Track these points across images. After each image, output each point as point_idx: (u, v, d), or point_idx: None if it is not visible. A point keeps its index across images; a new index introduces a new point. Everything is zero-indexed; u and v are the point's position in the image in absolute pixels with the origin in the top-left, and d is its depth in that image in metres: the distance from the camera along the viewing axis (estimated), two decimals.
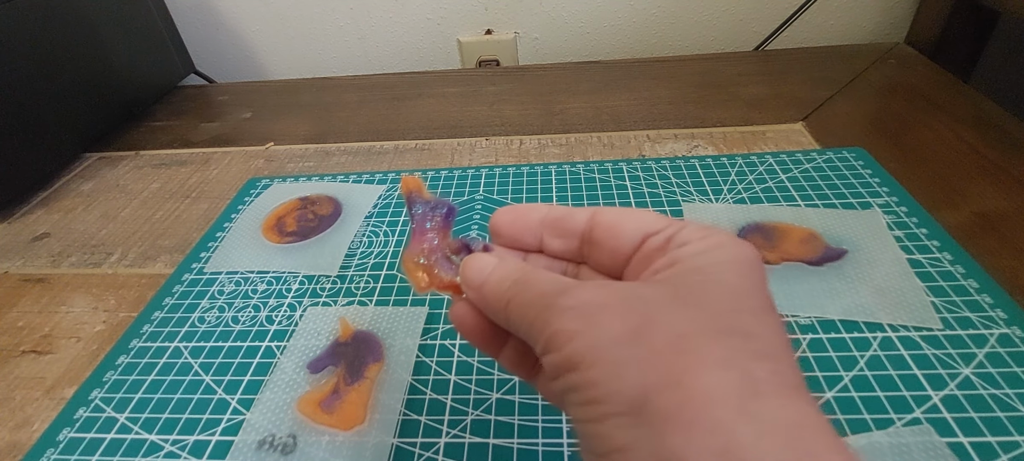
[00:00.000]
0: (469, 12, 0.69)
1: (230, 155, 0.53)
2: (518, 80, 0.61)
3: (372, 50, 0.73)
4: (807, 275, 0.33)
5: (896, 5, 0.63)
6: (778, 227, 0.36)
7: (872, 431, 0.25)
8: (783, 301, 0.31)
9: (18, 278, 0.40)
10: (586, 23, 0.68)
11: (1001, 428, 0.24)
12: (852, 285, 0.32)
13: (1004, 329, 0.28)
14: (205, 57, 0.75)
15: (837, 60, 0.58)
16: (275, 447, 0.26)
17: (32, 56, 0.49)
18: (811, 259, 0.33)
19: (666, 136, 0.48)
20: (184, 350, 0.32)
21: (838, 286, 0.32)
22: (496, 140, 0.50)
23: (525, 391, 0.28)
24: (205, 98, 0.66)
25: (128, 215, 0.46)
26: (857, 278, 0.32)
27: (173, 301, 0.36)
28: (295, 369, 0.30)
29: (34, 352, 0.34)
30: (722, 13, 0.66)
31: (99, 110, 0.57)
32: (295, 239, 0.40)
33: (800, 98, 0.52)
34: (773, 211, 0.38)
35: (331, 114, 0.59)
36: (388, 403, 0.28)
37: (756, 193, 0.40)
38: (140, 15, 0.61)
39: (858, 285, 0.32)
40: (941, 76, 0.53)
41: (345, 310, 0.33)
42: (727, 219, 0.37)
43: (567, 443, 0.26)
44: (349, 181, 0.46)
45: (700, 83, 0.56)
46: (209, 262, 0.39)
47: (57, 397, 0.31)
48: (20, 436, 0.29)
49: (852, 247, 0.34)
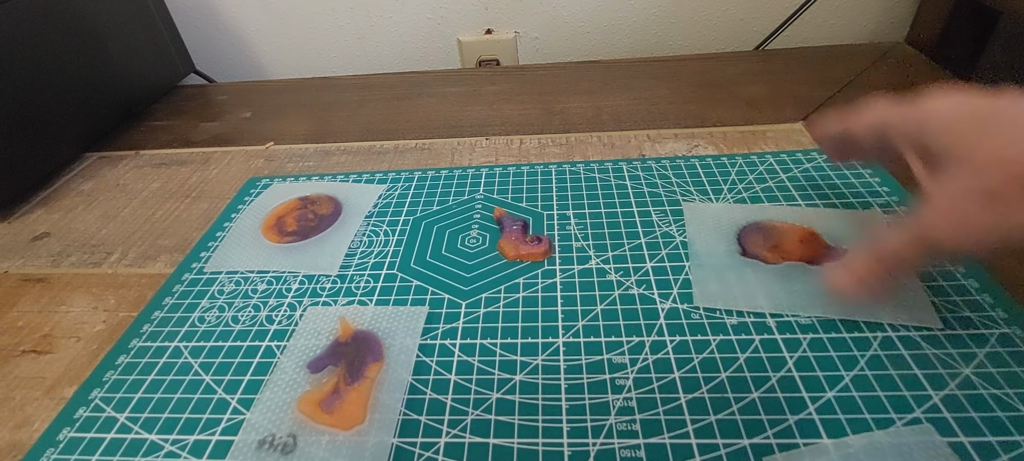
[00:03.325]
0: (469, 12, 0.69)
1: (230, 155, 0.53)
2: (518, 80, 0.61)
3: (372, 50, 0.73)
4: (807, 275, 0.32)
5: (896, 5, 0.63)
6: (777, 227, 0.36)
7: (873, 431, 0.25)
8: (783, 301, 0.31)
9: (18, 278, 0.40)
10: (586, 23, 0.68)
11: (1002, 428, 0.24)
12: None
13: (1004, 329, 0.28)
14: (205, 57, 0.75)
15: (837, 60, 0.58)
16: (275, 447, 0.26)
17: (32, 56, 0.49)
18: (811, 259, 0.33)
19: (666, 136, 0.48)
20: (184, 350, 0.32)
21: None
22: (496, 140, 0.50)
23: (525, 391, 0.28)
24: (205, 98, 0.66)
25: (128, 215, 0.46)
26: None
27: (173, 301, 0.36)
28: (295, 369, 0.30)
29: (34, 352, 0.34)
30: (722, 13, 0.66)
31: (99, 110, 0.57)
32: (295, 239, 0.40)
33: (800, 98, 0.52)
34: (773, 210, 0.38)
35: (331, 114, 0.59)
36: (388, 403, 0.28)
37: (756, 193, 0.40)
38: (140, 15, 0.61)
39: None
40: (941, 76, 0.53)
41: (345, 310, 0.33)
42: (727, 218, 0.37)
43: (567, 443, 0.26)
44: (349, 181, 0.46)
45: (700, 83, 0.56)
46: (209, 262, 0.39)
47: (57, 397, 0.31)
48: (20, 436, 0.29)
49: (852, 246, 0.34)
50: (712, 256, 0.34)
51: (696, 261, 0.34)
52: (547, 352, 0.30)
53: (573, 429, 0.26)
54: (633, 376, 0.28)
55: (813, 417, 0.26)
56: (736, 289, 0.32)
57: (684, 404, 0.27)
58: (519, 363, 0.29)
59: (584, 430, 0.26)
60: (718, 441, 0.25)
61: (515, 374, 0.29)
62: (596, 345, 0.30)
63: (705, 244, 0.35)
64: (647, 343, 0.30)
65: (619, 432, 0.26)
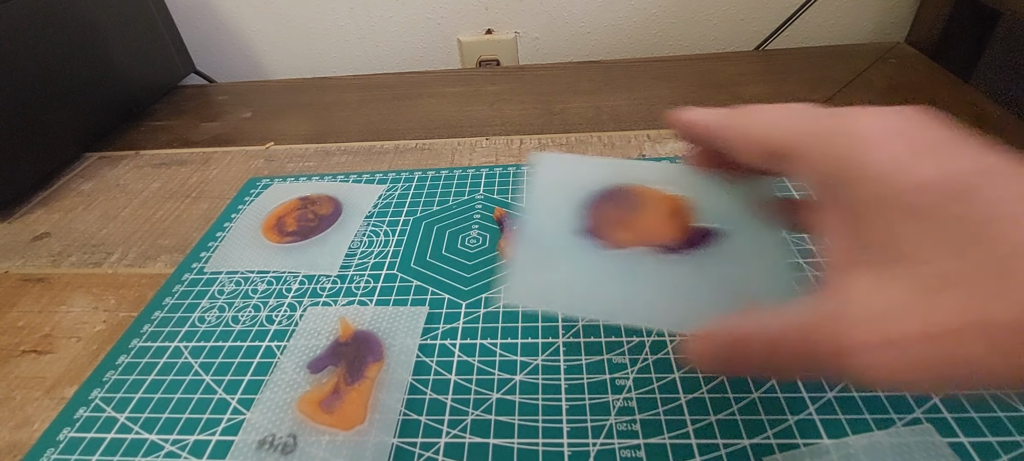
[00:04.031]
0: (469, 12, 0.69)
1: (230, 155, 0.53)
2: (518, 80, 0.61)
3: (372, 50, 0.73)
4: (660, 269, 0.23)
5: (896, 5, 0.63)
6: (642, 194, 0.26)
7: (873, 431, 0.25)
8: (618, 306, 0.22)
9: (18, 278, 0.40)
10: (586, 23, 0.68)
11: (1002, 428, 0.24)
12: (714, 283, 0.23)
13: None
14: (205, 57, 0.75)
15: (837, 60, 0.58)
16: (275, 447, 0.26)
17: (32, 56, 0.49)
18: (673, 243, 0.24)
19: (666, 136, 0.48)
20: (184, 350, 0.32)
21: (700, 283, 0.23)
22: (496, 140, 0.50)
23: (525, 391, 0.28)
24: (205, 98, 0.66)
25: (128, 215, 0.46)
26: (723, 274, 0.23)
27: (173, 301, 0.36)
28: (295, 369, 0.30)
29: (34, 352, 0.34)
30: (722, 13, 0.66)
31: (99, 110, 0.57)
32: (295, 239, 0.40)
33: (800, 98, 0.52)
34: (646, 170, 0.27)
35: (331, 114, 0.59)
36: (388, 403, 0.28)
37: None
38: (140, 15, 0.61)
39: (720, 283, 0.23)
40: (942, 76, 0.53)
41: (345, 310, 0.33)
42: (580, 178, 0.27)
43: (568, 443, 0.26)
44: (349, 181, 0.46)
45: (700, 83, 0.56)
46: (209, 262, 0.39)
47: (57, 397, 0.31)
48: (20, 436, 0.29)
49: (732, 231, 0.24)
50: (543, 235, 0.25)
51: (523, 241, 0.24)
52: (547, 352, 0.30)
53: (573, 429, 0.26)
54: (633, 376, 0.28)
55: (813, 417, 0.26)
56: (557, 286, 0.23)
57: (684, 404, 0.27)
58: (519, 363, 0.29)
59: (584, 430, 0.26)
60: (718, 441, 0.25)
61: (515, 374, 0.29)
62: (596, 345, 0.30)
63: (542, 215, 0.26)
64: (647, 343, 0.30)
65: (619, 432, 0.26)
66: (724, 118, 0.21)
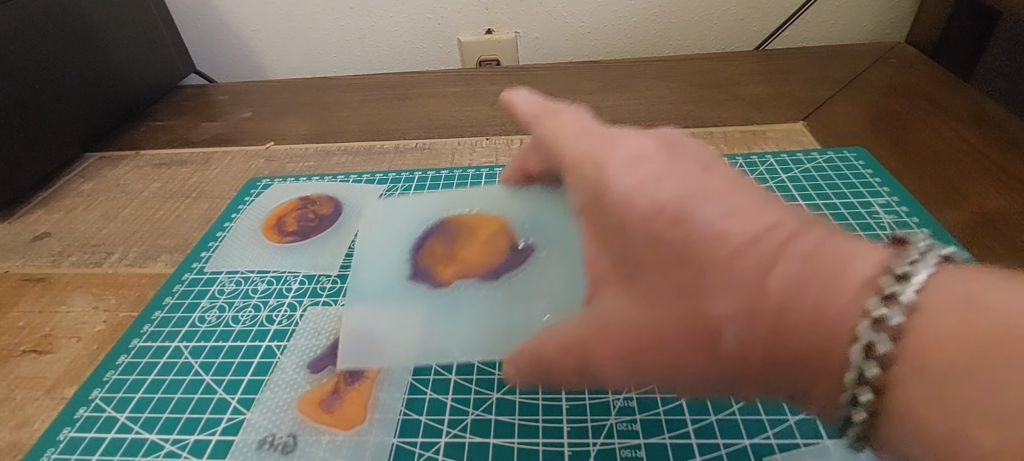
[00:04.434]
0: (469, 12, 0.69)
1: (230, 155, 0.53)
2: (518, 80, 0.61)
3: (372, 50, 0.73)
4: (477, 298, 0.22)
5: (897, 5, 0.63)
6: (467, 223, 0.25)
7: None
8: (441, 344, 0.22)
9: (18, 278, 0.40)
10: (586, 23, 0.68)
11: None
12: (524, 302, 0.22)
13: None
14: (205, 57, 0.75)
15: (838, 60, 0.58)
16: (275, 447, 0.26)
17: (32, 56, 0.49)
18: (492, 269, 0.23)
19: None
20: (184, 350, 0.32)
21: (511, 305, 0.22)
22: (496, 140, 0.50)
23: (525, 391, 0.28)
24: (205, 98, 0.66)
25: (128, 215, 0.46)
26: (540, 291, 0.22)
27: (173, 301, 0.36)
28: (295, 369, 0.30)
29: (34, 352, 0.34)
30: (722, 13, 0.66)
31: (99, 110, 0.57)
32: (295, 239, 0.40)
33: (801, 98, 0.52)
34: (471, 196, 0.27)
35: (331, 114, 0.59)
36: (388, 403, 0.28)
37: None
38: (140, 15, 0.61)
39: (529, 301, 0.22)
40: (942, 75, 0.53)
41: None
42: (410, 217, 0.26)
43: (568, 443, 0.26)
44: (349, 181, 0.46)
45: (700, 83, 0.56)
46: (209, 262, 0.39)
47: (57, 397, 0.31)
48: (20, 436, 0.29)
49: (544, 245, 0.23)
50: (372, 288, 0.24)
51: (353, 294, 0.24)
52: None
53: (573, 429, 0.26)
54: None
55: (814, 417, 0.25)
56: (388, 340, 0.22)
57: (684, 404, 0.27)
58: None
59: (585, 430, 0.26)
60: (718, 441, 0.25)
61: None
62: None
63: (371, 269, 0.25)
64: None
65: (620, 432, 0.26)
66: (536, 116, 0.22)
